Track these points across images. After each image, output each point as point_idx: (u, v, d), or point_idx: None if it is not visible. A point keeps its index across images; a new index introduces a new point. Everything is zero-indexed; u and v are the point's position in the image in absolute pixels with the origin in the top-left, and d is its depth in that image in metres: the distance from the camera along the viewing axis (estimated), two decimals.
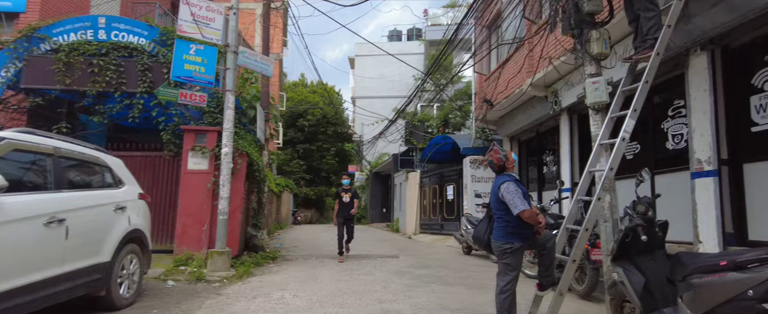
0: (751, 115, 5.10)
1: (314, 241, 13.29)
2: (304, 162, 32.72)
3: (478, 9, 11.23)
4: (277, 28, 20.07)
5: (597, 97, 4.83)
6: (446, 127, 16.23)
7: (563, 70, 7.04)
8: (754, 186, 5.06)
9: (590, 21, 5.03)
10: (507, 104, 10.06)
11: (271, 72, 7.89)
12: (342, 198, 8.78)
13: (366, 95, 31.73)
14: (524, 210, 3.78)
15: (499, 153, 4.08)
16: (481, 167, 11.87)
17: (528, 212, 3.79)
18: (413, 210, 15.76)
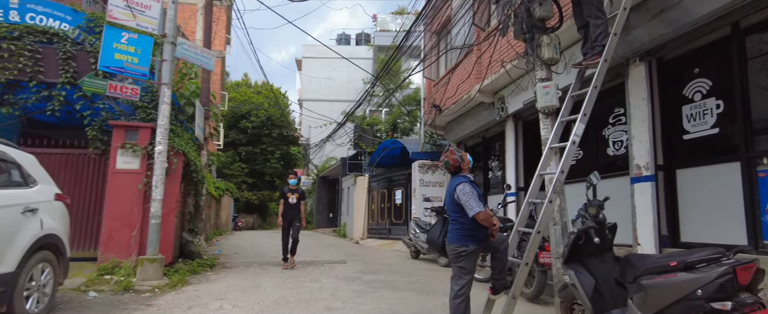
0: (683, 123, 5.41)
1: (256, 247, 12.69)
2: (246, 165, 31.52)
3: (427, 15, 11.31)
4: (220, 24, 19.20)
5: (547, 102, 4.89)
6: (395, 131, 16.23)
7: (514, 74, 7.17)
8: (686, 191, 5.35)
9: (541, 26, 5.11)
10: (455, 109, 10.16)
11: (212, 66, 7.40)
12: (288, 199, 8.24)
13: (313, 98, 31.20)
14: (479, 211, 3.70)
15: (455, 154, 3.99)
16: (429, 171, 11.91)
17: (483, 214, 3.72)
18: (361, 215, 15.55)
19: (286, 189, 8.36)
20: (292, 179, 8.52)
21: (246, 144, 31.68)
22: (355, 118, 17.12)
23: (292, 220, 8.23)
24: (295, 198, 8.25)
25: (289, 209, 8.24)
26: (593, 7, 4.77)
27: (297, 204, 8.27)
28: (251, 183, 31.88)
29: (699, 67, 5.29)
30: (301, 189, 8.56)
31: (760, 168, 4.53)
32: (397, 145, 14.06)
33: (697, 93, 5.25)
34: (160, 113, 6.44)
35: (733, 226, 4.70)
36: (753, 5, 4.44)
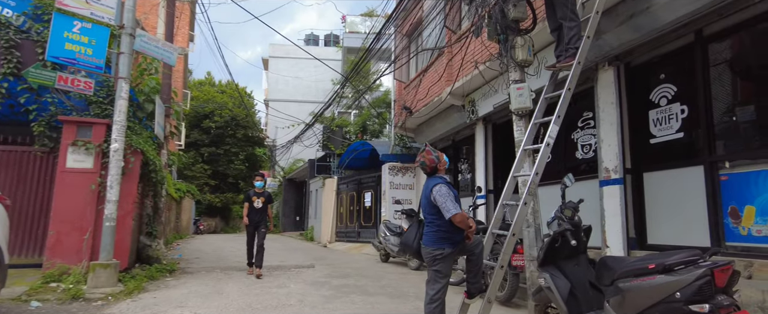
0: (649, 127, 5.53)
1: (219, 252, 12.21)
2: (209, 166, 30.54)
3: (398, 17, 11.24)
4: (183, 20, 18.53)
5: (521, 103, 4.88)
6: (364, 133, 16.07)
7: (488, 75, 7.16)
8: (653, 194, 5.46)
9: (515, 27, 5.10)
10: (426, 112, 10.12)
11: (173, 60, 7.02)
12: (253, 203, 7.71)
13: (280, 98, 30.63)
14: (456, 213, 3.60)
15: (431, 154, 3.88)
16: (400, 174, 11.82)
17: (460, 216, 3.62)
18: (329, 218, 15.27)
19: (251, 192, 7.86)
20: (258, 181, 8.02)
21: (209, 144, 30.71)
22: (324, 119, 16.85)
23: (258, 226, 7.70)
24: (261, 202, 7.73)
25: (254, 213, 7.71)
26: (567, 9, 4.79)
27: (263, 208, 7.75)
28: (214, 185, 30.92)
29: (664, 73, 5.42)
30: (268, 192, 8.09)
31: (722, 171, 4.66)
32: (366, 147, 13.91)
33: (663, 98, 5.38)
34: (117, 109, 6.03)
35: (697, 228, 4.81)
36: (717, 13, 4.57)
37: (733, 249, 4.51)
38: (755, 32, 4.49)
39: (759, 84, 4.53)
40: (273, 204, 8.36)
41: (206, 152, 30.40)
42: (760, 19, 4.39)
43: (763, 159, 4.34)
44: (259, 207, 7.72)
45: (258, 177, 8.14)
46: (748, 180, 4.43)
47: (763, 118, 4.42)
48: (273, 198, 8.30)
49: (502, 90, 7.84)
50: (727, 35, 4.71)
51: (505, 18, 5.06)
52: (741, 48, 4.67)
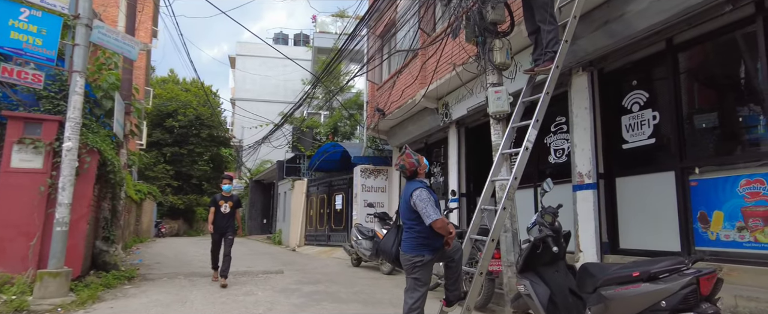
0: (622, 133, 5.59)
1: (182, 256, 11.68)
2: (171, 167, 29.44)
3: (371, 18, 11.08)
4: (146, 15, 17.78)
5: (499, 107, 4.82)
6: (335, 135, 15.82)
7: (464, 77, 7.11)
8: (625, 199, 5.52)
9: (493, 30, 5.05)
10: (399, 114, 10.02)
11: (135, 55, 6.61)
12: (219, 208, 7.15)
13: (247, 97, 29.91)
14: (437, 219, 3.48)
15: (411, 157, 3.75)
16: (372, 176, 11.66)
17: (440, 221, 3.50)
18: (298, 221, 14.93)
19: (218, 196, 7.31)
20: (226, 184, 7.44)
21: (172, 144, 29.61)
22: (294, 119, 16.49)
23: (225, 232, 7.13)
24: (229, 207, 7.19)
25: (221, 219, 7.14)
26: (546, 12, 4.77)
27: (231, 213, 7.21)
28: (177, 186, 29.82)
29: (637, 80, 5.50)
30: (236, 196, 7.60)
31: (692, 177, 4.74)
32: (338, 149, 13.67)
33: (635, 104, 5.45)
34: (71, 105, 5.60)
35: (668, 233, 4.89)
36: (687, 22, 4.65)
37: (702, 253, 4.58)
38: (721, 42, 4.60)
39: (725, 92, 4.65)
40: (241, 208, 7.92)
41: (169, 152, 29.29)
42: (725, 30, 4.50)
43: (730, 166, 4.44)
44: (226, 212, 7.19)
45: (225, 180, 7.54)
46: (716, 186, 4.52)
47: (729, 125, 4.53)
48: (241, 202, 7.88)
49: (476, 93, 7.83)
50: (696, 44, 4.82)
51: (484, 20, 4.99)
52: (709, 57, 4.78)
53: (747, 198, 4.25)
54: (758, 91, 4.25)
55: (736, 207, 4.34)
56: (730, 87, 4.57)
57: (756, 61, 4.26)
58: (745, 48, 4.41)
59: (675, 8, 4.51)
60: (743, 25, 4.36)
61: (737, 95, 4.51)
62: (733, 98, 4.53)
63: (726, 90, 4.62)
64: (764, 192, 4.12)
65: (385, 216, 9.03)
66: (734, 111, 4.51)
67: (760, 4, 4.18)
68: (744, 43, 4.41)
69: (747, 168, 4.28)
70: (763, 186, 4.13)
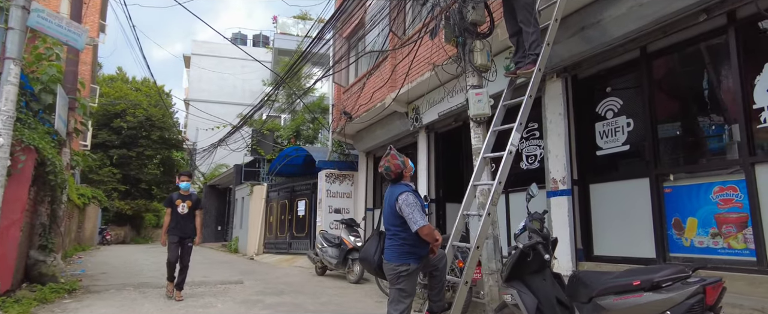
0: (596, 139, 5.62)
1: (130, 265, 10.83)
2: (118, 170, 27.69)
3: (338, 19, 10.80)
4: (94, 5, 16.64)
5: (480, 110, 4.69)
6: (298, 138, 15.34)
7: (435, 82, 6.97)
8: (599, 205, 5.53)
9: (473, 31, 4.93)
10: (367, 118, 9.77)
11: (81, 44, 5.99)
12: (176, 208, 6.32)
13: (203, 98, 28.71)
14: (424, 225, 3.26)
15: (397, 158, 3.51)
16: (337, 181, 11.32)
17: (427, 228, 3.29)
18: (257, 228, 14.30)
19: (175, 195, 6.46)
20: (184, 182, 6.55)
21: (119, 146, 27.89)
22: (254, 121, 15.85)
23: (184, 238, 6.35)
24: (188, 207, 6.38)
25: (179, 221, 6.33)
26: (528, 13, 4.70)
27: (190, 214, 6.42)
28: (124, 190, 28.08)
29: (610, 87, 5.55)
30: (196, 195, 6.71)
31: (666, 184, 4.79)
32: (301, 153, 13.23)
33: (609, 111, 5.48)
34: (3, 95, 4.94)
35: (643, 240, 4.91)
36: (661, 30, 4.72)
37: (677, 259, 4.62)
38: (695, 51, 4.70)
39: (698, 100, 4.73)
40: (203, 209, 7.20)
41: (116, 154, 27.56)
42: (698, 39, 4.59)
43: (703, 173, 4.51)
44: (184, 213, 6.36)
45: (184, 177, 6.65)
46: (690, 193, 4.58)
47: (702, 133, 4.62)
48: (202, 201, 7.10)
49: (448, 97, 7.73)
50: (670, 53, 4.89)
51: (464, 20, 4.86)
52: (682, 65, 4.87)
53: (720, 204, 4.31)
54: (730, 99, 4.35)
55: (709, 213, 4.39)
56: (703, 95, 4.65)
57: (728, 70, 4.35)
58: (718, 57, 4.51)
59: (652, 15, 4.56)
60: (716, 34, 4.46)
61: (710, 103, 4.60)
62: (706, 106, 4.62)
63: (699, 98, 4.70)
64: (737, 199, 4.19)
65: (352, 223, 8.74)
66: (707, 119, 4.59)
67: (732, 14, 4.28)
68: (716, 52, 4.51)
69: (720, 175, 4.36)
70: (736, 193, 4.21)
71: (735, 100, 4.26)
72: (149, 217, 30.62)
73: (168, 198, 6.60)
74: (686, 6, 4.30)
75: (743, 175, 4.12)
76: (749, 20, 4.18)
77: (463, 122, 8.03)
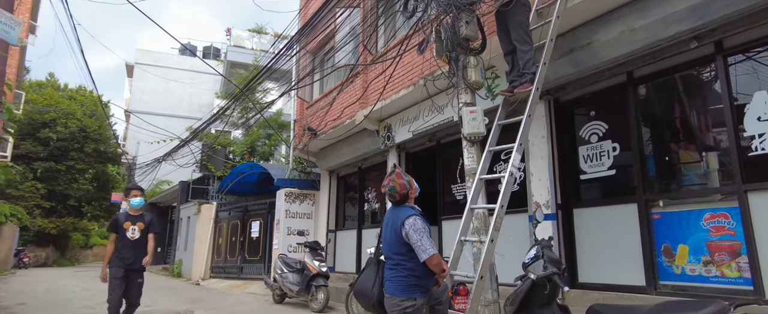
0: (579, 163, 5.53)
1: (55, 294, 9.50)
2: (43, 185, 25.06)
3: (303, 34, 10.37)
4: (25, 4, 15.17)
5: (474, 128, 4.43)
6: (252, 154, 14.52)
7: (417, 96, 6.73)
8: (584, 231, 5.41)
9: (466, 46, 4.72)
10: (334, 135, 9.33)
11: (14, 37, 5.17)
12: (125, 233, 5.11)
13: (146, 110, 26.91)
14: (434, 254, 2.88)
15: (402, 177, 3.13)
16: (297, 201, 10.68)
17: (437, 257, 2.92)
18: (204, 250, 13.21)
19: (122, 217, 5.24)
20: (136, 198, 5.33)
21: (46, 158, 25.35)
22: (205, 136, 14.87)
23: (132, 271, 5.09)
24: (139, 231, 5.17)
25: (127, 249, 5.06)
26: (522, 31, 4.56)
27: (142, 240, 5.19)
28: (49, 208, 25.39)
29: (594, 111, 5.52)
30: (150, 216, 5.51)
31: (655, 210, 4.73)
32: (256, 170, 12.47)
33: (594, 135, 5.43)
34: None
35: (631, 266, 4.80)
36: (652, 56, 4.74)
37: (667, 287, 4.53)
38: (682, 78, 4.74)
39: (686, 127, 4.74)
40: (158, 233, 5.70)
41: (41, 167, 24.98)
42: (686, 66, 4.64)
43: (693, 199, 4.49)
44: (135, 238, 5.13)
45: (135, 192, 5.43)
46: (679, 219, 4.53)
47: (691, 159, 4.62)
48: (156, 224, 5.54)
49: (421, 116, 7.49)
50: (657, 78, 4.91)
51: (457, 35, 4.64)
52: (670, 91, 4.89)
53: (712, 231, 4.27)
54: (719, 127, 4.38)
55: (701, 241, 4.35)
56: (692, 122, 4.68)
57: (717, 98, 4.40)
58: (706, 84, 4.56)
59: (644, 41, 4.56)
60: (704, 62, 4.52)
61: (699, 130, 4.62)
62: (695, 133, 4.64)
63: (687, 125, 4.72)
64: (729, 227, 4.17)
65: (316, 246, 8.16)
66: (696, 145, 4.60)
67: (719, 43, 4.35)
68: (704, 79, 4.56)
69: (711, 202, 4.34)
70: (728, 221, 4.18)
71: (725, 128, 4.28)
72: (77, 237, 27.90)
73: (112, 221, 5.26)
74: (678, 33, 4.32)
75: (735, 203, 4.11)
76: (736, 49, 4.26)
77: (437, 142, 7.82)
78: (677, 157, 4.72)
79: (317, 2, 10.39)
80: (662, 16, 4.32)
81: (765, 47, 4.08)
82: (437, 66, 5.52)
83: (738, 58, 4.26)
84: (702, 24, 4.14)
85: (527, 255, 3.44)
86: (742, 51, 4.24)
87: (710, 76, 4.48)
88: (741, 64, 4.25)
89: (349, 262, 9.78)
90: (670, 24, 4.32)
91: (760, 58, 4.13)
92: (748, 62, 4.21)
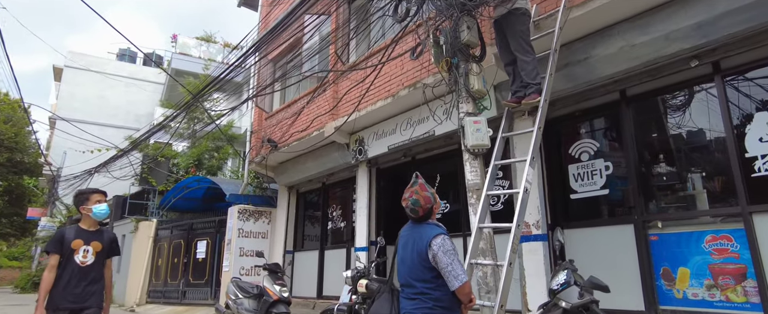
0: (569, 182, 5.34)
1: None
2: None
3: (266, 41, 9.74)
4: None
5: (478, 140, 4.08)
6: (199, 168, 13.39)
7: (405, 104, 6.38)
8: (575, 252, 5.15)
9: (467, 53, 4.41)
10: (299, 147, 8.68)
11: None
12: (74, 256, 3.56)
13: (75, 118, 24.50)
14: (467, 281, 2.43)
15: (426, 189, 2.67)
16: (251, 219, 9.82)
17: (469, 285, 2.46)
18: (141, 272, 11.82)
19: (70, 232, 3.66)
20: (99, 205, 3.73)
21: None
22: (146, 146, 13.54)
23: (81, 309, 3.55)
24: (94, 254, 3.63)
25: (75, 280, 3.54)
26: (522, 40, 4.33)
27: (96, 266, 3.65)
28: None
29: (585, 129, 5.39)
30: (111, 232, 4.03)
31: (652, 231, 4.58)
32: (204, 184, 11.42)
33: (584, 153, 5.28)
34: None
35: (628, 290, 4.59)
36: (649, 74, 4.66)
37: (668, 312, 4.35)
38: (679, 97, 4.70)
39: (683, 146, 4.66)
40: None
41: None
42: (683, 85, 4.60)
43: (693, 221, 4.38)
44: (87, 263, 3.60)
45: (97, 196, 3.79)
46: (679, 241, 4.40)
47: (690, 179, 4.53)
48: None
49: (399, 130, 7.10)
50: (652, 96, 4.85)
51: (458, 40, 4.32)
52: (667, 111, 4.83)
53: (714, 254, 4.16)
54: (717, 147, 4.33)
55: (703, 263, 4.22)
56: (689, 142, 4.60)
57: (715, 118, 4.36)
58: (704, 104, 4.52)
59: (643, 58, 4.48)
60: (700, 82, 4.49)
61: (696, 150, 4.56)
62: (692, 153, 4.57)
63: (684, 145, 4.64)
64: (733, 249, 4.06)
65: (277, 269, 7.36)
66: (693, 166, 4.53)
67: (716, 63, 4.34)
68: (702, 99, 4.52)
69: (712, 223, 4.24)
70: (731, 243, 4.08)
71: (724, 148, 4.23)
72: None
73: (56, 238, 3.64)
74: (680, 50, 4.27)
75: (737, 225, 4.03)
76: (734, 70, 4.26)
77: (412, 158, 7.44)
78: (675, 177, 4.62)
79: (280, 9, 9.86)
80: (665, 32, 4.25)
81: (764, 68, 4.10)
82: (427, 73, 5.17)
83: (736, 78, 4.26)
84: (706, 42, 4.10)
85: (555, 280, 3.08)
86: (740, 72, 4.24)
87: (707, 96, 4.45)
88: (739, 84, 4.24)
89: (309, 286, 9.03)
90: (672, 41, 4.25)
91: (759, 78, 4.14)
92: (746, 82, 4.21)
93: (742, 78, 4.23)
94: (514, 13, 4.29)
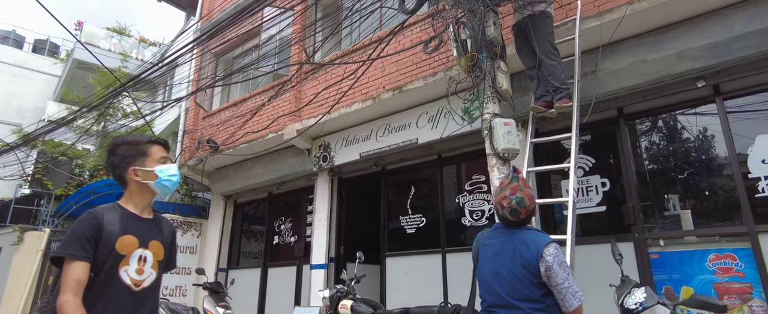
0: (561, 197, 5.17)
1: None
2: None
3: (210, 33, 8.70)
4: None
5: (509, 143, 3.71)
6: (108, 171, 11.47)
7: (389, 107, 5.82)
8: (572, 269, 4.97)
9: (492, 50, 4.06)
10: (247, 151, 7.70)
11: None
12: (118, 271, 1.89)
13: None
14: (581, 303, 1.95)
15: (529, 187, 2.16)
16: (179, 231, 8.46)
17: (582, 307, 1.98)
18: (22, 292, 9.59)
19: (112, 218, 1.98)
20: (167, 167, 2.09)
21: None
22: (44, 143, 11.30)
23: None
24: (154, 268, 2.00)
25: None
26: (547, 43, 4.09)
27: (154, 290, 2.01)
28: None
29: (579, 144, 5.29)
30: (170, 223, 2.31)
31: (653, 249, 4.51)
32: (116, 191, 9.72)
33: (579, 168, 5.16)
34: None
35: None
36: (652, 92, 4.68)
37: None
38: (678, 117, 4.76)
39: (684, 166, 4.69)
40: None
41: None
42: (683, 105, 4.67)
43: (697, 239, 4.38)
44: (145, 286, 1.95)
45: (162, 152, 2.11)
46: (681, 259, 4.36)
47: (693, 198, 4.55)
48: None
49: (374, 136, 6.55)
50: (652, 115, 4.87)
51: (484, 35, 3.96)
52: (667, 129, 4.87)
53: (718, 273, 4.15)
54: (718, 167, 4.41)
55: (706, 283, 4.19)
56: (689, 162, 4.64)
57: (715, 138, 4.45)
58: (702, 125, 4.61)
59: (651, 75, 4.48)
60: (700, 103, 4.58)
61: (696, 170, 4.60)
62: (692, 173, 4.61)
63: (685, 164, 4.67)
64: (737, 268, 4.08)
65: (219, 288, 6.30)
66: (697, 184, 4.56)
67: (716, 86, 4.46)
68: (701, 120, 4.61)
69: (716, 242, 4.25)
70: (735, 262, 4.10)
71: (723, 170, 4.31)
72: None
73: (83, 226, 1.90)
74: (689, 70, 4.31)
75: (741, 244, 4.06)
76: (735, 93, 4.40)
77: (383, 168, 6.90)
78: (675, 195, 4.62)
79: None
80: (678, 51, 4.27)
81: (764, 92, 4.26)
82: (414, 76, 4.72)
83: (737, 101, 4.39)
84: (717, 63, 4.18)
85: (631, 298, 2.73)
86: (739, 95, 4.38)
87: (707, 117, 4.55)
88: (740, 106, 4.38)
89: (247, 309, 7.92)
90: (684, 60, 4.28)
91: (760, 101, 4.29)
92: (747, 104, 4.35)
93: (742, 101, 4.37)
94: (540, 16, 4.05)
